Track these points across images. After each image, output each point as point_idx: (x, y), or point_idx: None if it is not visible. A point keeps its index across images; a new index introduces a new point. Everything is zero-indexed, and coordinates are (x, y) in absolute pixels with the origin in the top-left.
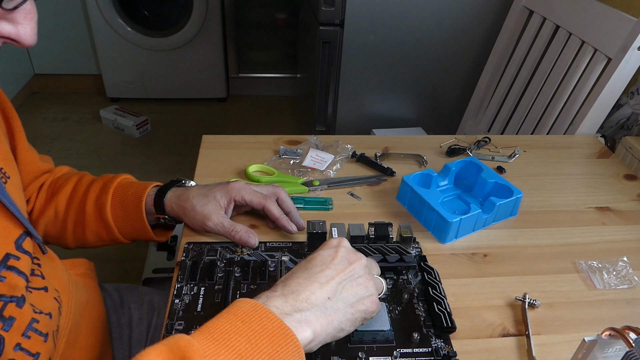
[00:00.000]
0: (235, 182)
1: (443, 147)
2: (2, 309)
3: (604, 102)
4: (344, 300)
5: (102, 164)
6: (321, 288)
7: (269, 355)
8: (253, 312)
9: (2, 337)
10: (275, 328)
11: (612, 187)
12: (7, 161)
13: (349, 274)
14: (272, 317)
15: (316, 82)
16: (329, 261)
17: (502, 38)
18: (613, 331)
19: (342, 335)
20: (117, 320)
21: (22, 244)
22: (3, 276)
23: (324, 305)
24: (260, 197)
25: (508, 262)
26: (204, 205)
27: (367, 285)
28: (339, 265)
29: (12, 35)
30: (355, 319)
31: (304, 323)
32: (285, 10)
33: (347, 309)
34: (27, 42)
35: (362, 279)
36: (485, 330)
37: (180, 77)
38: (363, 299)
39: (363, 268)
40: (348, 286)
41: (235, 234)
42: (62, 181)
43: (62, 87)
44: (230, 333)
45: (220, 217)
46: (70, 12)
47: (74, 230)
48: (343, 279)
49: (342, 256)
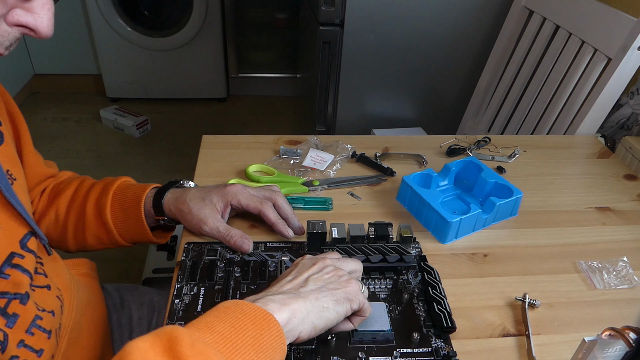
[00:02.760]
0: (232, 186)
1: (443, 147)
2: (6, 306)
3: (604, 102)
4: (316, 285)
5: (102, 164)
6: (290, 282)
7: (252, 337)
8: (234, 306)
9: (6, 334)
10: (255, 312)
11: (612, 187)
12: (13, 163)
13: (315, 270)
14: (250, 305)
15: (316, 82)
16: (293, 270)
17: (502, 38)
18: (613, 331)
19: (330, 316)
20: (117, 320)
21: (27, 243)
22: (7, 274)
23: (297, 291)
24: (257, 202)
25: (508, 262)
26: (200, 209)
27: (337, 273)
28: (302, 268)
29: (30, 24)
30: (337, 298)
31: (278, 303)
32: (285, 10)
33: (322, 289)
34: (45, 33)
35: (330, 270)
36: (485, 330)
37: (180, 77)
38: (336, 281)
39: (328, 263)
40: (317, 277)
41: (230, 239)
42: (64, 185)
43: (62, 87)
44: (214, 322)
45: (216, 221)
46: (70, 12)
47: (74, 233)
48: (309, 274)
49: (305, 263)
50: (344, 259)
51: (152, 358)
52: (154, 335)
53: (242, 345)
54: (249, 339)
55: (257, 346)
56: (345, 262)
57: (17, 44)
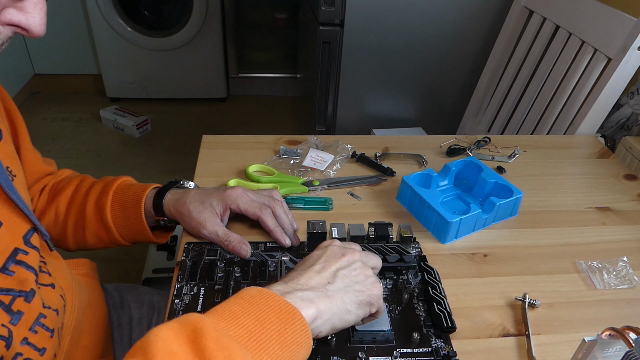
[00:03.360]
0: (232, 190)
1: (443, 147)
2: (11, 303)
3: (604, 102)
4: (344, 283)
5: (102, 164)
6: (319, 274)
7: (277, 332)
8: (259, 295)
9: (10, 331)
10: (281, 307)
11: (612, 187)
12: (12, 160)
13: (344, 263)
14: (277, 297)
15: (316, 82)
16: (321, 256)
17: (502, 38)
18: (613, 331)
19: (350, 319)
20: (117, 320)
21: (30, 239)
22: (12, 270)
23: (325, 288)
24: (256, 208)
25: (508, 262)
26: (199, 212)
27: (364, 272)
28: (332, 258)
29: (22, 23)
30: (360, 301)
31: (307, 301)
32: (285, 10)
33: (349, 292)
34: (37, 32)
35: (359, 267)
36: (485, 330)
37: (180, 77)
38: (364, 282)
39: (357, 258)
40: (345, 273)
41: (228, 243)
42: (64, 184)
43: (62, 87)
44: (239, 313)
45: (215, 225)
46: (70, 12)
47: (74, 232)
48: (338, 268)
49: (334, 251)
50: (367, 253)
51: (176, 349)
52: (179, 323)
53: (267, 340)
54: (273, 334)
55: (281, 341)
56: (370, 257)
57: (9, 42)
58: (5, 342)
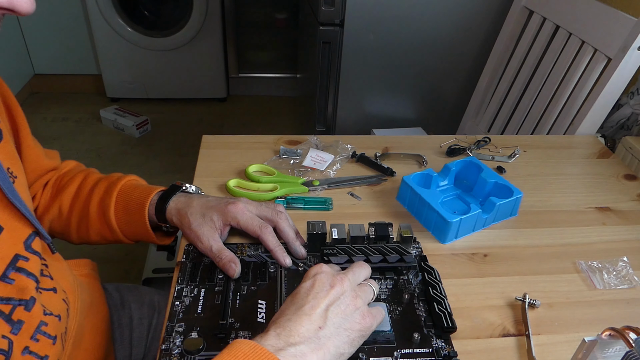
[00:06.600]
0: (234, 205)
1: (443, 147)
2: (11, 313)
3: (604, 102)
4: (335, 325)
5: (102, 164)
6: (310, 319)
7: None
8: (252, 353)
9: (10, 341)
10: None
11: (612, 187)
12: (13, 160)
13: (333, 297)
14: (269, 355)
15: (316, 82)
16: (310, 291)
17: (502, 38)
18: (613, 331)
19: (345, 359)
20: (117, 320)
21: (32, 244)
22: (12, 278)
23: (317, 336)
24: (255, 227)
25: (508, 262)
26: (199, 225)
27: (354, 304)
28: (320, 292)
29: (5, 4)
30: (353, 339)
31: (299, 356)
32: (285, 10)
33: (340, 334)
34: (25, 10)
35: (348, 298)
36: (486, 330)
37: (180, 77)
38: (354, 317)
39: (346, 287)
40: (335, 310)
41: (219, 260)
42: (67, 179)
43: (62, 87)
44: None
45: (211, 240)
46: (70, 12)
47: (77, 229)
48: (328, 304)
49: (322, 282)
50: (354, 270)
51: None
52: None
53: None
54: None
55: None
56: (358, 273)
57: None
58: (5, 356)
